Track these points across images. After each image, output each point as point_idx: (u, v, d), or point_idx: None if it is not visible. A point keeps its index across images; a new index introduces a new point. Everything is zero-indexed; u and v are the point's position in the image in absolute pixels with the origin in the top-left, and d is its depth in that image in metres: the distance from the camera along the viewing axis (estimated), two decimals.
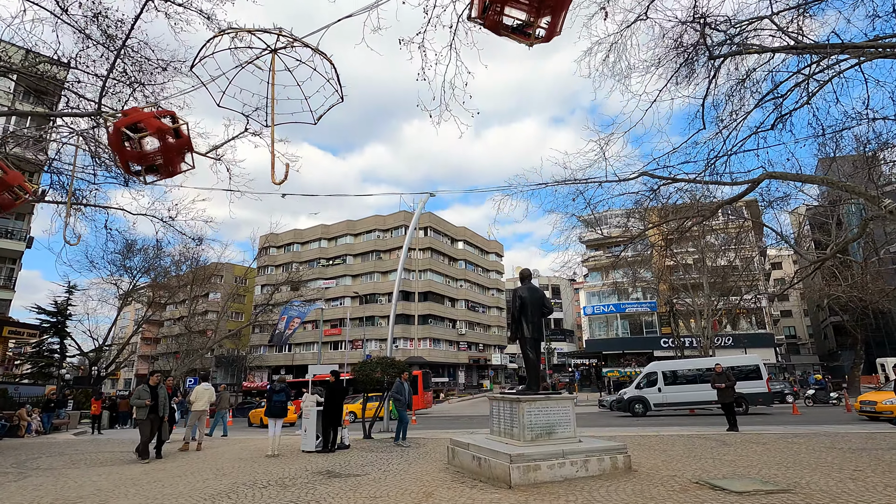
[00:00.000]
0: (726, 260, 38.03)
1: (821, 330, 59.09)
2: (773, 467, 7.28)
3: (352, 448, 10.96)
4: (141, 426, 9.81)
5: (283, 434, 11.33)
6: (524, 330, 8.09)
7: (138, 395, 9.71)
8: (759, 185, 10.55)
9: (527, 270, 8.65)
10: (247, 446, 11.94)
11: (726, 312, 41.20)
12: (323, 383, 11.78)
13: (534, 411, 7.46)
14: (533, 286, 8.48)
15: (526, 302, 8.18)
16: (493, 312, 65.97)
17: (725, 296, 37.79)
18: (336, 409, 10.52)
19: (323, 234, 61.64)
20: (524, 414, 7.38)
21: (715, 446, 9.61)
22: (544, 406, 7.54)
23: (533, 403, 7.48)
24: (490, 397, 8.39)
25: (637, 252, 43.88)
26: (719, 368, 13.40)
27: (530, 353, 8.07)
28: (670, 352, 45.99)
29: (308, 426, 10.51)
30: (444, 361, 55.17)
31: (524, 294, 8.23)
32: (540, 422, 7.46)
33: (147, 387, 9.81)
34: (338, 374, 10.96)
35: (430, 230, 56.65)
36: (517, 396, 7.54)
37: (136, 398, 9.67)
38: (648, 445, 9.99)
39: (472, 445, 7.78)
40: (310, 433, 10.47)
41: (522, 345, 8.14)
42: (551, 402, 7.62)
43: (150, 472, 8.67)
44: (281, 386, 10.20)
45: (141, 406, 9.62)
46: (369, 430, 13.09)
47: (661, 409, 20.74)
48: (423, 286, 54.38)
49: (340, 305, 57.73)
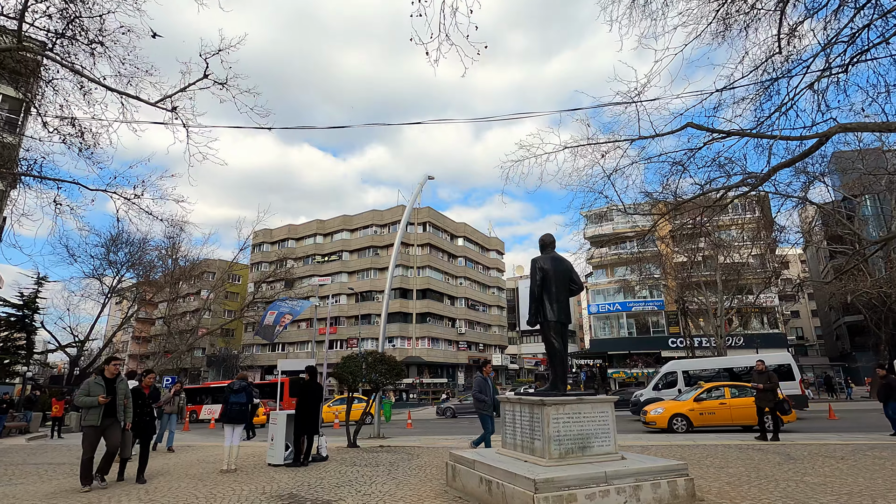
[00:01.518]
0: (738, 256, 36.14)
1: (833, 331, 57.20)
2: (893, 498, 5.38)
3: (330, 460, 9.05)
4: (86, 435, 6.76)
5: (254, 442, 9.41)
6: (547, 311, 6.19)
7: (86, 391, 6.72)
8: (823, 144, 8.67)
9: (549, 236, 6.76)
10: (204, 457, 10.01)
11: (738, 311, 39.38)
12: (298, 383, 9.80)
13: (562, 418, 5.56)
14: (558, 256, 6.58)
15: (549, 276, 6.29)
16: (493, 311, 64.04)
17: (739, 294, 35.96)
18: (311, 412, 8.61)
19: (318, 229, 59.72)
20: (550, 422, 5.48)
21: (780, 461, 7.70)
22: (576, 411, 5.65)
23: (562, 408, 5.58)
24: (503, 400, 6.48)
25: (645, 247, 42.22)
26: (762, 366, 11.46)
27: (555, 341, 6.16)
28: (679, 352, 44.13)
29: (276, 434, 8.60)
30: (442, 361, 53.24)
31: (546, 266, 6.33)
32: (571, 432, 5.56)
33: (101, 379, 6.87)
34: (314, 370, 9.05)
35: (429, 225, 54.75)
36: (541, 399, 5.63)
37: (83, 394, 6.71)
38: (693, 459, 8.09)
39: (479, 464, 5.88)
40: (278, 442, 8.56)
41: (545, 331, 6.23)
42: (585, 405, 5.72)
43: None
44: (240, 384, 8.27)
45: (90, 406, 6.67)
46: (354, 438, 11.16)
47: None
48: (422, 283, 52.47)
49: (336, 303, 55.80)
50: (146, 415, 7.62)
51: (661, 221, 14.14)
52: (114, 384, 6.98)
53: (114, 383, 7.00)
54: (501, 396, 6.54)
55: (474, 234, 63.05)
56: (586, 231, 53.97)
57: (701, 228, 29.33)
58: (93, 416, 6.73)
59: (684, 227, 32.83)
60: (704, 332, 38.48)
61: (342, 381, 11.05)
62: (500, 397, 6.57)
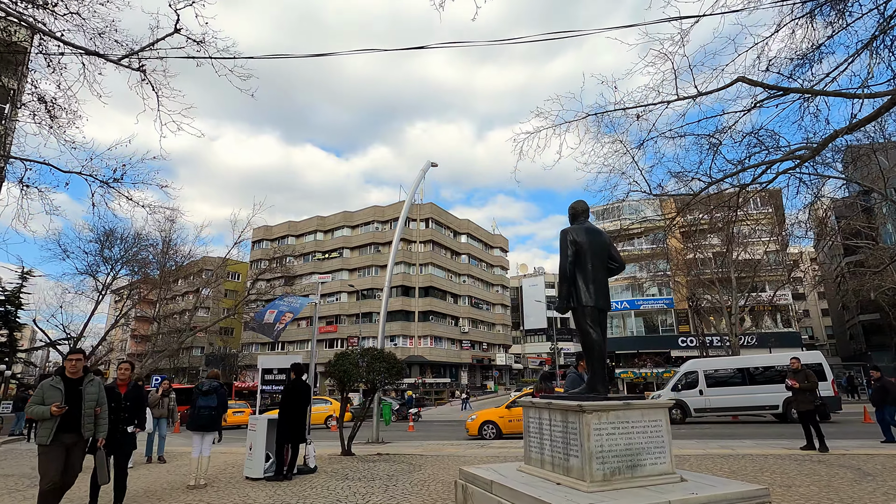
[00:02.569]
0: (752, 252, 34.73)
1: (846, 330, 55.73)
2: None
3: (318, 472, 7.83)
4: (42, 457, 4.83)
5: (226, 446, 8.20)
6: (581, 294, 4.95)
7: (39, 397, 4.82)
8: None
9: (582, 203, 5.52)
10: (176, 468, 8.79)
11: (751, 310, 38.07)
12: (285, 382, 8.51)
13: (606, 429, 4.32)
14: (593, 227, 5.35)
15: (583, 250, 5.05)
16: (497, 310, 62.76)
17: (754, 291, 34.64)
18: (296, 417, 7.39)
19: (318, 225, 58.56)
20: (591, 434, 4.24)
21: (855, 478, 6.44)
22: (623, 420, 4.41)
23: (605, 416, 4.34)
24: (526, 404, 5.23)
25: (654, 244, 40.88)
26: (797, 364, 10.16)
27: (592, 330, 4.91)
28: (689, 351, 42.81)
29: (255, 442, 7.38)
30: (445, 361, 52.01)
31: (580, 238, 5.09)
32: (617, 447, 4.32)
33: (59, 380, 4.91)
34: (300, 368, 7.83)
35: (431, 221, 53.52)
36: (578, 404, 4.38)
37: (36, 401, 4.82)
38: (748, 474, 6.83)
39: (498, 486, 4.64)
40: (257, 452, 7.34)
41: (579, 318, 4.99)
42: (633, 412, 4.48)
43: None
44: (211, 384, 7.05)
45: (41, 417, 4.79)
46: (349, 444, 9.93)
47: (704, 416, 17.56)
48: (425, 281, 51.24)
49: (336, 301, 54.66)
50: (120, 422, 5.58)
51: (676, 217, 12.93)
52: (79, 387, 4.95)
53: (79, 385, 4.96)
54: (524, 400, 5.29)
55: (478, 230, 61.79)
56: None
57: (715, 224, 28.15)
58: (44, 431, 4.76)
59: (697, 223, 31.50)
60: (717, 330, 37.18)
61: (335, 380, 9.84)
62: (523, 401, 5.32)
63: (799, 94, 7.11)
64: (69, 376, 5.06)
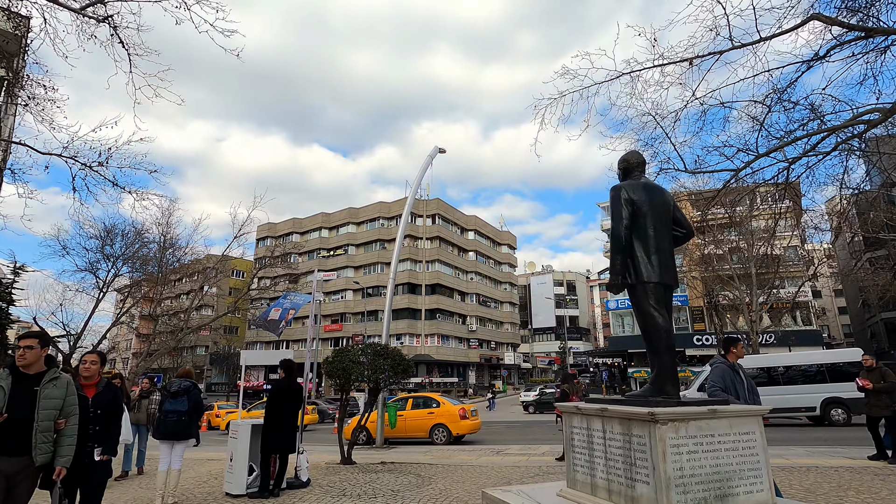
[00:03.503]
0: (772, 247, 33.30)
1: (866, 328, 54.01)
2: None
3: (312, 486, 6.73)
4: None
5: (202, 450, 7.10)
6: (641, 267, 3.80)
7: None
8: None
9: (637, 154, 4.37)
10: (152, 480, 7.70)
11: (771, 307, 36.62)
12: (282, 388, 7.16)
13: (687, 445, 3.17)
14: (653, 184, 4.19)
15: (642, 211, 3.90)
16: (505, 308, 61.53)
17: (774, 288, 33.21)
18: (285, 422, 6.29)
19: (323, 222, 57.61)
20: (667, 452, 3.09)
21: None
22: (708, 432, 3.25)
23: (684, 427, 3.19)
24: (570, 410, 4.06)
25: None
26: (870, 361, 8.94)
27: (656, 312, 3.75)
28: (705, 350, 41.52)
29: (236, 452, 6.29)
30: (453, 360, 50.88)
31: (638, 196, 3.94)
32: (703, 470, 3.16)
33: (6, 374, 3.43)
34: (290, 365, 6.72)
35: (438, 217, 52.39)
36: (650, 410, 3.21)
37: None
38: (828, 493, 5.65)
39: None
40: (239, 463, 6.25)
41: (639, 298, 3.84)
42: (720, 421, 3.32)
43: None
44: (181, 385, 5.94)
45: None
46: (349, 452, 8.81)
47: None
48: (431, 278, 50.12)
49: (342, 299, 53.71)
50: (88, 440, 3.79)
51: (715, 200, 11.78)
52: (34, 386, 3.43)
53: (35, 385, 3.44)
54: (567, 405, 4.13)
55: (485, 227, 60.58)
56: (604, 223, 51.38)
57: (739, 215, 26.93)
58: None
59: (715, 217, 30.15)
60: (735, 328, 35.78)
61: (334, 379, 8.74)
62: (565, 405, 4.16)
63: (886, 34, 5.89)
64: (21, 369, 3.47)
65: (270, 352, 11.79)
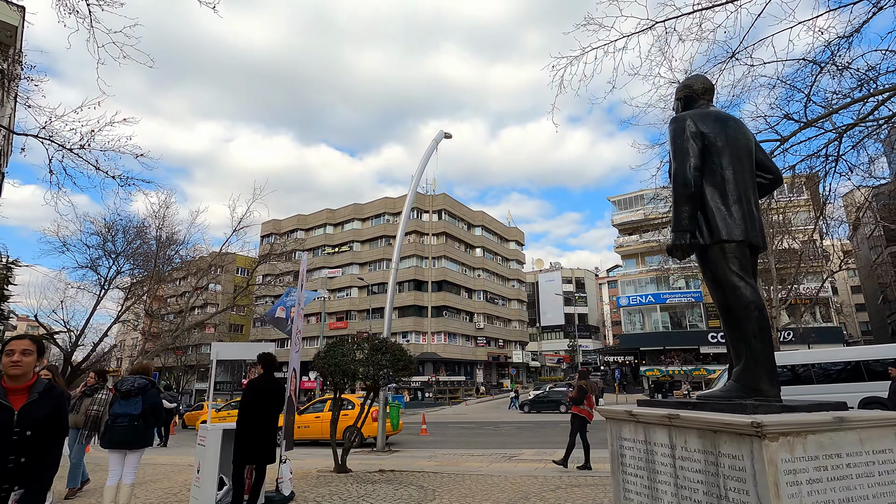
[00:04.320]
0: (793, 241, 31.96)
1: (886, 325, 52.31)
2: None
3: (297, 501, 5.75)
4: None
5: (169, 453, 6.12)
6: (718, 222, 2.77)
7: None
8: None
9: (703, 79, 3.32)
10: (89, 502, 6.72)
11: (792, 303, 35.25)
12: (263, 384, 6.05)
13: (808, 470, 2.13)
14: (727, 115, 3.13)
15: (717, 148, 2.87)
16: (513, 305, 60.38)
17: (795, 284, 31.86)
18: (262, 428, 5.31)
19: (328, 219, 56.78)
20: (780, 482, 2.06)
21: None
22: (831, 450, 2.22)
23: (802, 442, 2.15)
24: (620, 417, 3.02)
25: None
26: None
27: (743, 282, 2.71)
28: (720, 348, 40.22)
29: (205, 463, 5.32)
30: (460, 358, 49.87)
31: (710, 129, 2.91)
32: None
33: None
34: (270, 361, 5.73)
35: (444, 213, 51.35)
36: (753, 419, 2.18)
37: None
38: None
39: None
40: (207, 475, 5.28)
41: (716, 261, 2.80)
42: (847, 434, 2.27)
43: None
44: (135, 383, 4.93)
45: None
46: (343, 458, 7.83)
47: None
48: (438, 274, 49.11)
49: (347, 296, 52.85)
50: (5, 477, 2.42)
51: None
52: None
53: None
54: (616, 410, 3.09)
55: (493, 223, 59.47)
56: (615, 218, 50.06)
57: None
58: None
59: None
60: None
61: (325, 376, 7.76)
62: (613, 410, 3.13)
63: None
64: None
65: (247, 344, 10.86)
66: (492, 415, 29.52)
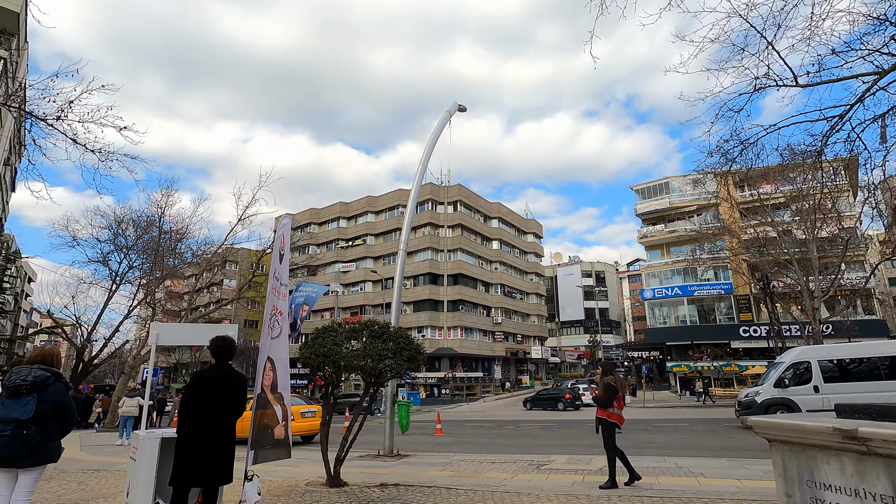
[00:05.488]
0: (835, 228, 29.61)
1: None
2: None
3: None
4: None
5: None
6: None
7: None
8: None
9: None
10: None
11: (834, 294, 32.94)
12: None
13: None
14: None
15: None
16: (531, 299, 58.61)
17: (837, 273, 29.58)
18: (211, 434, 3.92)
19: (342, 212, 55.74)
20: None
21: None
22: None
23: None
24: (806, 440, 1.55)
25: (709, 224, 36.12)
26: None
27: None
28: (753, 342, 38.08)
29: (135, 483, 3.96)
30: (477, 354, 48.39)
31: None
32: None
33: None
34: (226, 348, 4.32)
35: (460, 204, 49.82)
36: None
37: None
38: None
39: None
40: (138, 498, 3.91)
41: None
42: None
43: None
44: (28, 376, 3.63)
45: None
46: (335, 469, 6.42)
47: None
48: (453, 268, 47.65)
49: (360, 291, 51.79)
50: None
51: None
52: None
53: None
54: (805, 423, 1.63)
55: (510, 215, 57.74)
56: (638, 207, 47.87)
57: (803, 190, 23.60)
58: None
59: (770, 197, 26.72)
60: (793, 318, 32.26)
61: (313, 369, 6.38)
62: (784, 423, 1.67)
63: None
64: None
65: (198, 326, 9.58)
66: (511, 413, 28.00)
